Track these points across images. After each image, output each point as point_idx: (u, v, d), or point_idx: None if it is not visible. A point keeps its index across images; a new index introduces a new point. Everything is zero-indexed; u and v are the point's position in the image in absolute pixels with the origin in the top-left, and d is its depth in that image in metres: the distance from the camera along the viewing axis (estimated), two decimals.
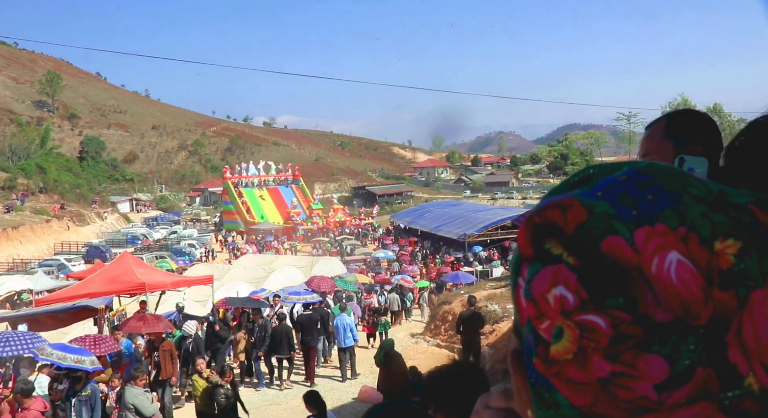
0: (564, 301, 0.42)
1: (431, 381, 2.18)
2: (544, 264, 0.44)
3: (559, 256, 0.43)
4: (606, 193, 0.43)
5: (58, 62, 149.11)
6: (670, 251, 0.40)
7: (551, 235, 0.44)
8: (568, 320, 0.42)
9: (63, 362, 8.26)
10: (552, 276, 0.43)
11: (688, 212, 0.41)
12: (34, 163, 75.24)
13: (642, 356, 0.39)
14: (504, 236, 37.42)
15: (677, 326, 0.39)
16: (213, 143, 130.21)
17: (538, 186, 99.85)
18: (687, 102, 72.92)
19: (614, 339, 0.40)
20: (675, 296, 0.39)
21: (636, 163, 0.46)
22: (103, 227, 61.22)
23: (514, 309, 0.49)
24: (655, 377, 0.39)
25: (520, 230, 0.47)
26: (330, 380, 14.10)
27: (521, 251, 0.46)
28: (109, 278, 14.09)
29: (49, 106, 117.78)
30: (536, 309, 0.44)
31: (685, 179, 0.43)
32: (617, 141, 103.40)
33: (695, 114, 1.67)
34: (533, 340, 0.44)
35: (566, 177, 0.50)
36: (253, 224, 59.82)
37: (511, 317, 14.37)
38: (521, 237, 0.46)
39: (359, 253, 41.26)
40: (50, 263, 36.51)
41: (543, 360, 0.43)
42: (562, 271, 0.43)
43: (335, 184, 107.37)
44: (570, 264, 0.42)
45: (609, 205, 0.42)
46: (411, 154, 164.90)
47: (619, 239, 0.41)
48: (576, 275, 0.42)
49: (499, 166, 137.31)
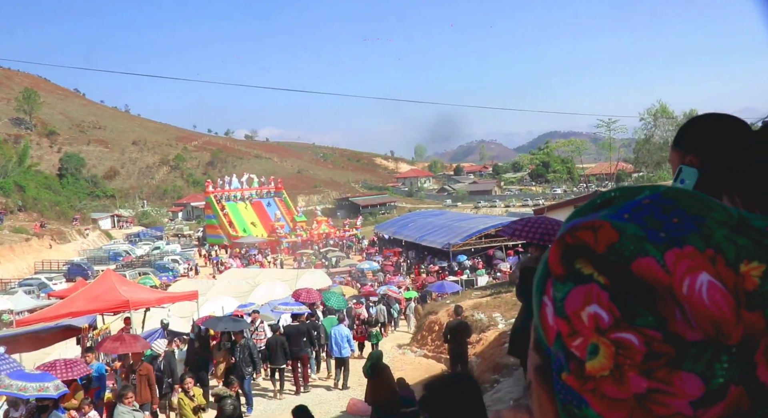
0: (599, 319, 0.43)
1: (427, 390, 2.22)
2: (576, 283, 0.45)
3: (590, 275, 0.44)
4: (633, 215, 0.45)
5: (35, 79, 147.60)
6: (701, 273, 0.41)
7: (581, 255, 0.45)
8: (604, 338, 0.43)
9: (24, 393, 7.65)
10: (585, 295, 0.44)
11: (713, 235, 0.42)
12: (13, 182, 74.22)
13: (676, 374, 0.41)
14: (488, 245, 37.59)
15: (709, 345, 0.40)
16: (194, 157, 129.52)
17: (520, 194, 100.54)
18: (665, 108, 73.96)
19: (648, 356, 0.41)
20: (707, 316, 0.40)
21: (657, 187, 0.47)
22: (84, 245, 60.52)
23: (536, 326, 0.51)
24: (691, 394, 0.40)
25: (551, 249, 0.48)
26: (318, 395, 14.03)
27: (552, 270, 0.47)
28: (92, 297, 13.95)
29: (26, 124, 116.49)
30: (569, 327, 0.45)
31: (707, 203, 0.44)
32: (598, 148, 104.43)
33: (699, 123, 1.73)
34: (564, 357, 0.45)
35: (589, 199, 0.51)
36: (236, 237, 59.48)
37: (497, 326, 14.44)
38: (553, 256, 0.48)
39: (344, 264, 41.24)
40: (31, 282, 36.02)
41: (577, 376, 0.44)
42: (594, 290, 0.44)
43: (318, 196, 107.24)
44: (601, 283, 0.43)
45: (638, 227, 0.44)
46: (393, 164, 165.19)
47: (650, 260, 0.42)
48: (608, 294, 0.43)
49: (482, 175, 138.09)
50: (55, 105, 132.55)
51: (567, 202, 23.86)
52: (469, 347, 13.59)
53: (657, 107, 74.04)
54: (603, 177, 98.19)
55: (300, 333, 14.24)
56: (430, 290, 26.61)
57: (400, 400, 9.10)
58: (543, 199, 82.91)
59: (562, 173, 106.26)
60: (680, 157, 1.69)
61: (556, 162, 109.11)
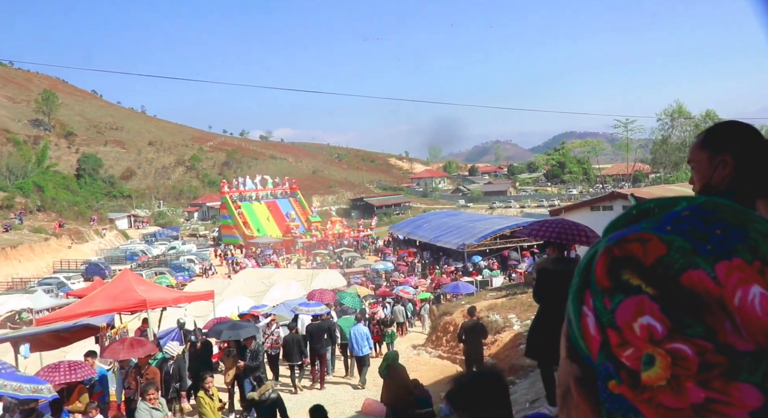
0: (652, 330, 0.44)
1: (454, 386, 2.24)
2: (625, 295, 0.45)
3: (638, 287, 0.45)
4: (675, 227, 0.45)
5: (53, 81, 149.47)
6: (753, 285, 0.42)
7: (626, 266, 0.46)
8: (659, 348, 0.43)
9: (20, 393, 7.42)
10: (636, 306, 0.44)
11: (759, 247, 0.43)
12: (32, 182, 75.18)
13: (733, 385, 0.41)
14: (503, 246, 37.45)
15: (764, 356, 0.41)
16: (210, 158, 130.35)
17: (535, 195, 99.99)
18: (682, 108, 73.21)
19: (702, 367, 0.42)
20: (760, 327, 0.41)
21: (694, 198, 0.48)
22: (101, 244, 61.09)
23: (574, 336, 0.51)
24: (750, 404, 0.41)
25: (598, 261, 0.48)
26: (333, 395, 14.08)
27: (599, 282, 0.47)
28: (110, 296, 14.08)
29: (45, 125, 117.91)
30: (620, 337, 0.45)
31: (746, 214, 0.45)
32: (614, 148, 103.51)
33: (732, 126, 1.78)
34: (613, 367, 0.46)
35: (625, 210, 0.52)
36: (251, 237, 59.78)
37: (512, 327, 14.39)
38: (600, 268, 0.48)
39: (359, 265, 41.27)
40: (50, 281, 36.44)
41: (631, 386, 0.44)
42: (645, 301, 0.44)
43: (333, 196, 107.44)
44: (650, 295, 0.44)
45: (684, 239, 0.44)
46: (408, 165, 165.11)
47: (701, 273, 0.43)
48: (658, 305, 0.44)
49: (497, 176, 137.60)
50: (73, 106, 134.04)
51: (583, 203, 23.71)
52: (485, 348, 13.56)
53: (674, 108, 73.26)
54: (619, 178, 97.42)
55: (322, 331, 14.72)
56: (444, 290, 26.56)
57: (415, 400, 9.10)
58: (558, 200, 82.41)
59: (578, 174, 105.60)
60: (710, 158, 1.71)
61: (572, 163, 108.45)
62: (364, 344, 14.60)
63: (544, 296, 6.16)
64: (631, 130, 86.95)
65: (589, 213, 20.76)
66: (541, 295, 6.22)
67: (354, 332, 14.75)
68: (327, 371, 15.18)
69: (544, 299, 6.21)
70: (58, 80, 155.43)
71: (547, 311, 6.14)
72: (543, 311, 6.26)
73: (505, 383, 2.29)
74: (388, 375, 10.02)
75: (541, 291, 6.22)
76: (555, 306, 5.99)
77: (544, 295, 6.16)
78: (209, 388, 9.59)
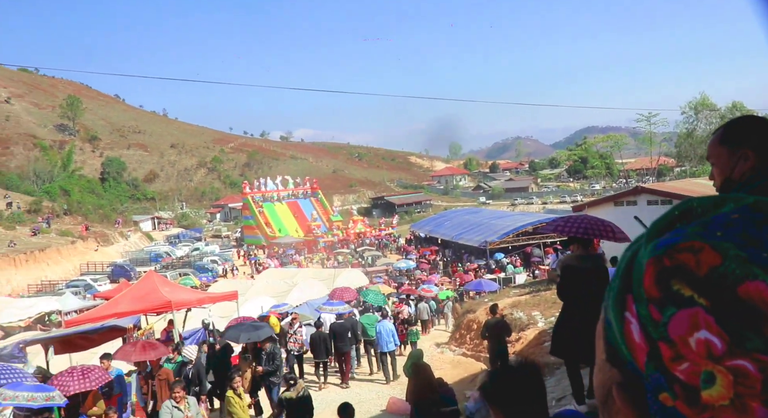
0: (711, 345, 0.42)
1: (489, 380, 2.20)
2: (678, 307, 0.44)
3: (690, 298, 0.43)
4: (726, 233, 0.44)
5: (77, 86, 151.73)
6: None
7: (676, 276, 0.44)
8: (720, 366, 0.41)
9: (34, 403, 7.27)
10: (691, 319, 0.43)
11: None
12: (58, 186, 76.56)
13: None
14: (526, 242, 37.18)
15: None
16: (231, 159, 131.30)
17: (557, 191, 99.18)
18: (707, 100, 72.03)
19: (767, 384, 0.40)
20: None
21: (741, 199, 0.46)
22: (126, 246, 61.93)
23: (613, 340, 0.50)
24: None
25: (647, 271, 0.46)
26: (358, 394, 14.12)
27: (648, 292, 0.46)
28: (136, 298, 14.25)
29: (70, 130, 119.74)
30: (673, 351, 0.44)
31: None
32: (637, 142, 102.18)
33: (748, 120, 1.76)
34: (665, 380, 0.44)
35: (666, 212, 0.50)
36: (273, 238, 60.14)
37: (536, 324, 14.29)
38: (648, 278, 0.46)
39: (381, 263, 41.29)
40: (77, 283, 37.05)
41: (689, 404, 0.43)
42: (700, 314, 0.43)
43: (354, 195, 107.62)
44: (704, 306, 0.43)
45: (735, 246, 0.43)
46: (428, 162, 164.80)
47: (760, 284, 0.41)
48: (714, 318, 0.42)
49: (518, 172, 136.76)
50: (97, 111, 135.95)
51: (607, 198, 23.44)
52: (509, 345, 13.49)
53: (698, 100, 72.05)
54: (643, 172, 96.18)
55: (345, 330, 14.93)
56: (467, 288, 26.46)
57: (440, 399, 9.08)
58: (581, 196, 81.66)
59: (600, 169, 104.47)
60: (730, 153, 1.70)
61: (594, 158, 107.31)
62: (390, 340, 14.90)
63: (569, 293, 6.10)
64: (654, 123, 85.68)
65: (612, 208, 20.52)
66: (566, 292, 6.16)
67: (380, 328, 15.07)
68: (351, 368, 15.41)
69: (568, 296, 6.15)
70: (82, 86, 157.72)
71: (571, 308, 6.08)
72: (567, 308, 6.20)
73: (540, 376, 2.24)
74: (413, 374, 10.01)
75: (565, 288, 6.16)
76: (580, 303, 5.94)
77: (569, 292, 6.10)
78: (237, 387, 9.65)
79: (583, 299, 5.91)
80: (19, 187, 72.98)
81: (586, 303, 5.93)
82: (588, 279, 5.94)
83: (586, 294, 5.91)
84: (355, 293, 20.82)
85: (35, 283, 41.35)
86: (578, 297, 5.96)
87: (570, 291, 6.07)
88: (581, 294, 5.93)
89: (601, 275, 6.15)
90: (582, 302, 5.92)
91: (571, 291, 6.05)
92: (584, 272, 5.99)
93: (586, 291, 5.90)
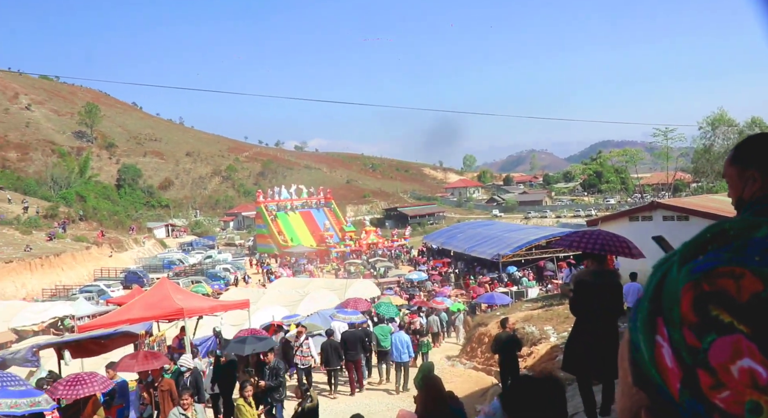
0: (756, 375, 0.41)
1: (510, 391, 2.18)
2: (718, 333, 0.43)
3: (730, 324, 0.43)
4: (764, 258, 0.43)
5: (96, 94, 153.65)
6: None
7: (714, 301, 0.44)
8: (765, 396, 0.41)
9: (17, 410, 6.86)
10: (732, 347, 0.42)
11: None
12: (75, 192, 77.31)
13: None
14: (539, 256, 36.97)
15: None
16: (246, 168, 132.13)
17: (572, 205, 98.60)
18: (725, 116, 71.54)
19: None
20: None
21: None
22: (140, 253, 62.32)
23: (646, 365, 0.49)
24: None
25: (684, 295, 0.46)
26: (368, 405, 14.04)
27: (685, 317, 0.45)
28: (148, 304, 14.30)
29: (88, 137, 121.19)
30: (714, 379, 0.43)
31: None
32: (653, 158, 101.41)
33: (758, 139, 1.75)
34: (704, 408, 0.44)
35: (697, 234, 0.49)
36: (286, 247, 60.26)
37: (549, 339, 14.16)
38: (686, 303, 0.46)
39: (393, 275, 41.21)
40: (90, 288, 37.27)
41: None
42: (741, 341, 0.42)
43: (367, 206, 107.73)
44: (746, 333, 0.42)
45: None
46: (442, 174, 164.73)
47: None
48: (756, 345, 0.41)
49: (532, 185, 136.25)
50: (115, 118, 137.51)
51: (622, 213, 23.23)
52: (520, 360, 13.37)
53: (716, 115, 71.56)
54: (659, 187, 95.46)
55: (356, 339, 15.18)
56: (479, 301, 26.31)
57: (450, 412, 9.00)
58: (595, 210, 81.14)
59: (615, 183, 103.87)
60: (739, 173, 1.69)
61: (609, 172, 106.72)
62: (404, 351, 15.01)
63: (582, 308, 6.05)
64: (671, 138, 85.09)
65: (627, 223, 20.33)
66: (579, 307, 6.11)
67: (395, 339, 15.23)
68: (362, 376, 15.59)
69: (581, 312, 6.10)
70: (101, 93, 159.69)
71: (584, 324, 6.03)
72: (580, 323, 6.15)
73: (563, 391, 2.22)
74: (423, 387, 9.94)
75: (578, 304, 6.11)
76: (592, 319, 5.89)
77: (582, 307, 6.05)
78: (248, 396, 9.68)
79: (596, 315, 5.87)
80: (36, 193, 73.87)
81: (599, 319, 5.88)
82: (601, 295, 5.90)
83: (599, 310, 5.87)
84: (368, 304, 20.89)
85: (50, 287, 41.70)
86: (591, 313, 5.91)
87: (583, 307, 6.02)
88: (594, 310, 5.88)
89: (615, 291, 6.10)
90: (595, 318, 5.88)
91: (584, 307, 6.01)
92: (598, 288, 5.94)
93: (599, 307, 5.86)
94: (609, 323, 5.90)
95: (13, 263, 42.10)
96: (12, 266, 41.73)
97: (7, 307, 25.95)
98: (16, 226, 51.64)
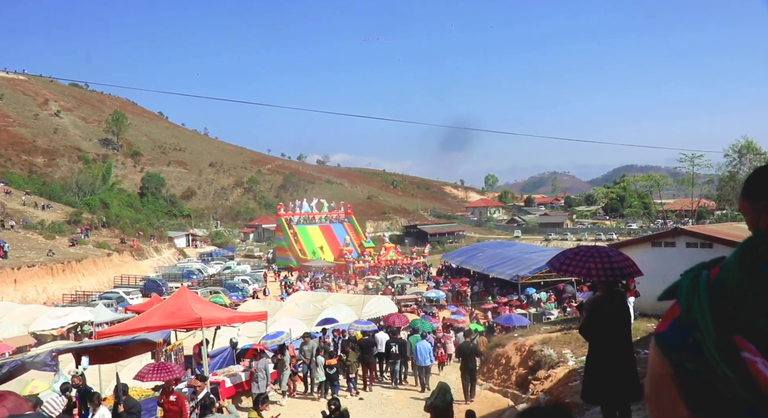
0: None
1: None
2: None
3: None
4: None
5: (124, 102, 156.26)
6: None
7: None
8: None
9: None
10: None
11: None
12: (98, 199, 78.36)
13: None
14: (558, 278, 36.55)
15: None
16: (267, 180, 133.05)
17: (593, 228, 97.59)
18: (751, 144, 70.65)
19: None
20: None
21: None
22: (160, 261, 62.82)
23: (735, 388, 0.47)
24: None
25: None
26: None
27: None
28: (167, 313, 14.36)
29: (113, 144, 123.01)
30: None
31: None
32: (677, 183, 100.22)
33: (766, 170, 1.72)
34: None
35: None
36: (305, 260, 60.37)
37: (567, 363, 13.95)
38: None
39: (410, 292, 41.03)
40: (110, 295, 37.58)
41: None
42: None
43: (387, 222, 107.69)
44: None
45: None
46: (463, 193, 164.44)
47: None
48: None
49: (553, 207, 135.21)
50: (141, 127, 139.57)
51: (644, 239, 22.89)
52: (537, 382, 13.22)
53: (742, 143, 70.72)
54: (682, 214, 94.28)
55: (370, 344, 17.77)
56: (497, 321, 26.09)
57: None
58: (617, 234, 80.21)
59: (638, 208, 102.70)
60: (752, 206, 1.66)
61: (632, 197, 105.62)
62: (426, 356, 17.13)
63: (592, 332, 6.01)
64: (697, 164, 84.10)
65: (649, 249, 20.02)
66: (590, 330, 6.06)
67: (418, 346, 17.19)
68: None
69: (591, 336, 6.05)
70: (128, 101, 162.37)
71: (598, 350, 5.98)
72: (594, 350, 6.08)
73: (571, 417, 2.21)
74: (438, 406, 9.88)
75: (590, 327, 6.05)
76: (606, 345, 5.85)
77: (592, 332, 6.00)
78: (263, 409, 9.71)
79: (608, 340, 5.84)
80: (61, 198, 74.99)
81: (613, 344, 5.85)
82: (613, 320, 5.87)
83: (611, 335, 5.84)
84: (407, 320, 23.89)
85: (70, 293, 42.16)
86: (603, 338, 5.87)
87: (593, 331, 5.98)
88: (607, 335, 5.85)
89: (624, 315, 6.06)
90: (608, 343, 5.85)
91: (594, 331, 5.96)
92: (609, 312, 5.91)
93: (612, 332, 5.83)
94: (622, 347, 5.87)
95: (36, 267, 42.65)
96: (34, 270, 42.28)
97: (28, 311, 26.28)
98: (39, 230, 52.40)
